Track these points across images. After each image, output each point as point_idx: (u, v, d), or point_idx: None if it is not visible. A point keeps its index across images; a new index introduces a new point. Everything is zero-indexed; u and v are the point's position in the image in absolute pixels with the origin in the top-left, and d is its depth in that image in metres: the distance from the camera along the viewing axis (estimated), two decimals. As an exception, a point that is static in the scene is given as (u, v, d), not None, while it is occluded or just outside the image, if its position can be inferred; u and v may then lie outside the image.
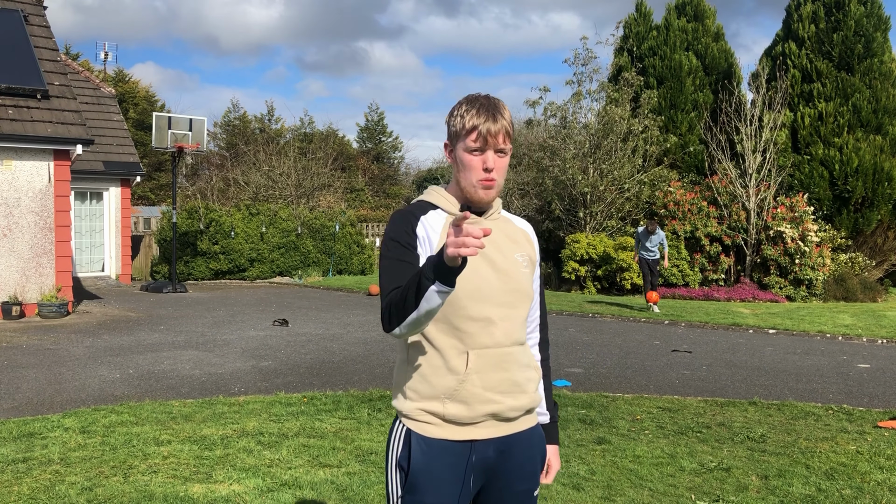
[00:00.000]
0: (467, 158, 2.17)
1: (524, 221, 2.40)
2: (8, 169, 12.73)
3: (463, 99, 2.23)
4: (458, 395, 2.12)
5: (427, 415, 2.15)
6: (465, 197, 2.22)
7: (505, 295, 2.18)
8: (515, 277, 2.22)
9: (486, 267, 2.18)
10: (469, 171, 2.18)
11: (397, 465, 2.16)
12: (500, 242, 2.24)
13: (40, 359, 9.10)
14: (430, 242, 2.16)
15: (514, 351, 2.20)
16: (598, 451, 5.56)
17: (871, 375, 8.91)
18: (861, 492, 4.77)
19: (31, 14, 14.63)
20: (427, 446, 2.13)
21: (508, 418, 2.20)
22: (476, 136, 2.15)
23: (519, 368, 2.21)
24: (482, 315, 2.14)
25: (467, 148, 2.17)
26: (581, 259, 18.60)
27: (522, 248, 2.30)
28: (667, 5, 21.87)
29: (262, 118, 44.50)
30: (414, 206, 2.26)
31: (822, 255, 17.80)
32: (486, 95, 2.22)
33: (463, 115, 2.18)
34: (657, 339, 11.47)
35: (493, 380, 2.15)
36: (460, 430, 2.14)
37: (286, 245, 21.67)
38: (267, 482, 4.76)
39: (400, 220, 2.20)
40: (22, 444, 5.53)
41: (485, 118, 2.15)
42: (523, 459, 2.24)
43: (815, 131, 19.24)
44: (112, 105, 21.26)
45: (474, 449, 2.16)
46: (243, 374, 8.37)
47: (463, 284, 2.12)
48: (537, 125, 21.84)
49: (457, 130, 2.19)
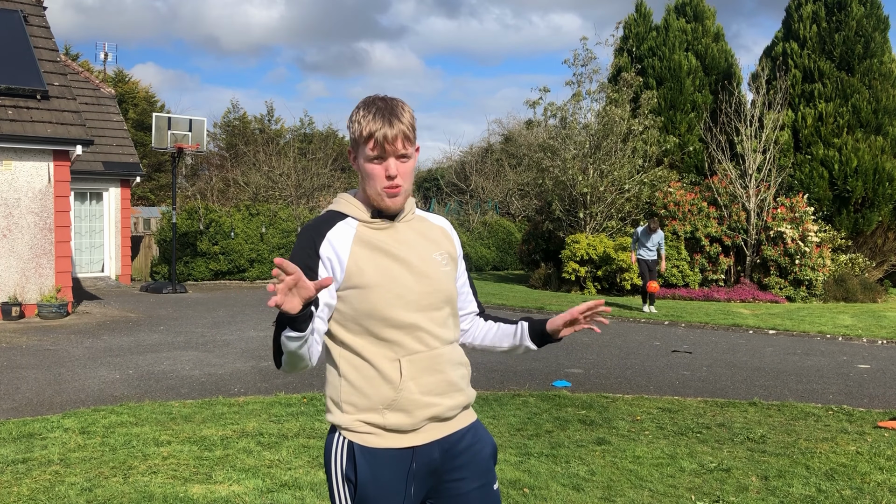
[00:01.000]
0: (368, 168, 2.11)
1: (440, 218, 2.35)
2: (8, 169, 12.72)
3: (360, 102, 2.15)
4: (397, 404, 2.10)
5: (367, 426, 2.12)
6: (373, 205, 2.17)
7: (426, 297, 2.15)
8: (435, 278, 2.19)
9: (405, 272, 2.14)
10: (372, 180, 2.12)
11: (345, 478, 2.11)
12: (417, 244, 2.20)
13: (40, 359, 9.10)
14: (340, 259, 2.11)
15: (445, 351, 2.18)
16: (598, 451, 5.55)
17: (871, 376, 8.91)
18: (861, 492, 4.77)
19: (30, 14, 14.63)
20: (371, 457, 2.10)
21: (447, 418, 2.19)
22: (374, 144, 2.08)
23: (452, 367, 2.20)
24: (406, 322, 2.12)
25: (367, 157, 2.10)
26: (581, 259, 18.59)
27: (440, 246, 2.26)
28: (666, 6, 21.87)
29: (262, 119, 44.48)
30: (323, 219, 2.19)
31: (822, 255, 17.80)
32: (383, 97, 2.14)
33: (360, 122, 2.10)
34: (657, 340, 11.47)
35: (429, 383, 2.14)
36: (402, 438, 2.13)
37: (286, 245, 21.67)
38: (267, 483, 4.76)
39: (304, 238, 2.15)
40: (22, 444, 5.52)
41: (381, 123, 2.07)
42: (470, 456, 2.23)
43: (815, 131, 19.24)
44: (112, 105, 21.26)
45: (416, 455, 2.13)
46: (243, 375, 8.37)
47: (382, 294, 2.10)
48: (537, 125, 21.85)
49: (356, 137, 2.12)
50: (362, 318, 2.11)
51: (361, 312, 2.11)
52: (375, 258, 2.13)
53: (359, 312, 2.11)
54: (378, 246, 2.14)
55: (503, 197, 33.94)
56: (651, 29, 21.92)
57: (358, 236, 2.14)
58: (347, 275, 2.11)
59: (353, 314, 2.12)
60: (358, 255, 2.12)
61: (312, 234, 2.14)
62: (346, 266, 2.11)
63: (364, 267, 2.11)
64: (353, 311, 2.11)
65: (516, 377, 8.49)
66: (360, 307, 2.11)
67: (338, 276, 2.11)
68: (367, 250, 2.13)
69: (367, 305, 2.10)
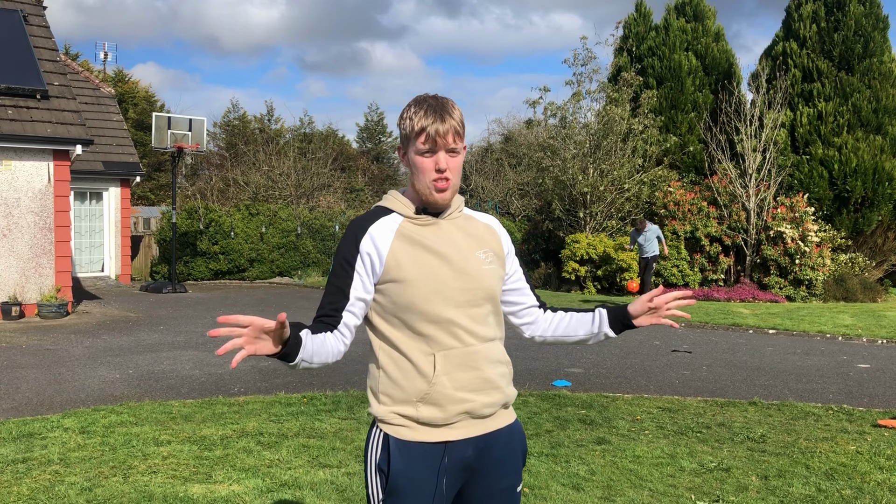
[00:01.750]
0: (419, 161, 2.17)
1: (489, 216, 2.38)
2: (7, 169, 12.72)
3: (412, 100, 2.22)
4: (430, 397, 2.14)
5: (401, 418, 2.16)
6: (422, 200, 2.22)
7: (464, 294, 2.18)
8: (476, 276, 2.21)
9: (444, 268, 2.17)
10: (422, 174, 2.18)
11: (377, 469, 2.17)
12: (460, 242, 2.24)
13: (40, 359, 9.10)
14: (379, 253, 2.16)
15: (482, 348, 2.20)
16: (598, 451, 5.55)
17: (871, 375, 8.91)
18: (861, 492, 4.77)
19: (30, 14, 14.63)
20: (405, 449, 2.14)
21: (483, 415, 2.21)
22: (425, 138, 2.14)
23: (489, 365, 2.22)
24: (442, 317, 2.15)
25: (418, 150, 2.16)
26: (581, 259, 18.59)
27: (486, 245, 2.29)
28: (666, 6, 21.87)
29: (262, 118, 44.50)
30: (368, 214, 2.27)
31: (822, 255, 17.80)
32: (434, 95, 2.21)
33: (412, 118, 2.17)
34: (657, 340, 11.47)
35: (463, 379, 2.17)
36: (435, 432, 2.16)
37: (286, 245, 21.67)
38: (267, 482, 4.76)
39: (349, 232, 2.23)
40: (21, 444, 5.52)
41: (433, 119, 2.14)
42: (502, 455, 2.26)
43: (814, 131, 19.24)
44: (112, 105, 21.26)
45: (448, 450, 2.17)
46: (243, 375, 8.37)
47: (420, 289, 2.14)
48: (537, 125, 21.84)
49: (407, 133, 2.19)
50: (400, 312, 2.16)
51: (399, 306, 2.16)
52: (415, 253, 2.17)
53: (397, 306, 2.16)
54: (419, 241, 2.19)
55: (503, 196, 33.95)
56: (651, 28, 21.91)
57: (400, 231, 2.19)
58: (386, 269, 2.16)
59: (391, 307, 2.17)
60: (397, 249, 2.16)
61: (356, 228, 2.21)
62: (385, 260, 2.16)
63: (402, 261, 2.15)
64: (392, 304, 2.17)
65: (516, 377, 8.48)
66: (398, 301, 2.15)
67: (377, 270, 2.17)
68: (407, 245, 2.17)
69: (404, 299, 2.15)
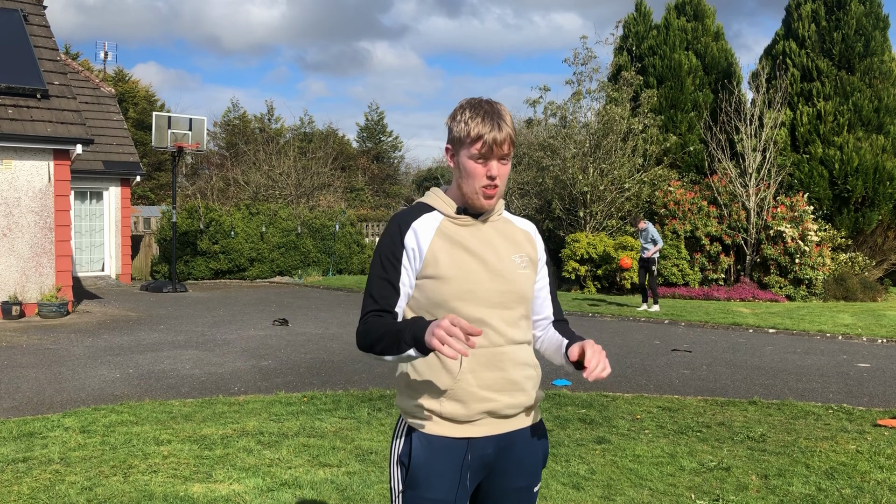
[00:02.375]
0: (471, 166, 2.19)
1: (526, 222, 2.41)
2: (8, 169, 12.72)
3: (465, 103, 2.23)
4: (454, 393, 2.17)
5: (425, 412, 2.19)
6: (465, 201, 2.25)
7: (498, 296, 2.21)
8: (510, 279, 2.24)
9: (480, 269, 2.20)
10: (472, 179, 2.20)
11: (398, 461, 2.21)
12: (498, 244, 2.27)
13: (40, 358, 9.10)
14: (420, 248, 2.19)
15: (510, 350, 2.22)
16: (598, 450, 5.55)
17: (871, 375, 8.91)
18: (861, 491, 4.77)
19: (30, 14, 14.63)
20: (427, 442, 2.18)
21: (506, 415, 2.23)
22: (482, 145, 2.16)
23: (515, 367, 2.23)
24: (474, 316, 2.17)
25: (471, 156, 2.18)
26: (581, 259, 18.59)
27: (522, 249, 2.32)
28: (666, 5, 21.86)
29: (262, 118, 44.49)
30: (411, 210, 2.29)
31: (822, 254, 17.80)
32: (488, 101, 2.23)
33: (467, 122, 2.18)
34: (657, 339, 11.47)
35: (488, 378, 2.19)
36: (458, 428, 2.18)
37: (286, 245, 21.67)
38: (267, 482, 4.76)
39: (392, 227, 2.24)
40: (22, 443, 5.53)
41: (490, 127, 2.16)
42: (523, 455, 2.28)
43: (814, 130, 19.23)
44: (112, 105, 21.26)
45: (471, 446, 2.19)
46: (243, 374, 8.37)
47: (455, 287, 2.17)
48: (537, 124, 21.84)
49: (460, 137, 2.20)
50: (433, 308, 2.19)
51: (433, 302, 2.19)
52: (453, 251, 2.20)
53: (431, 301, 2.19)
54: (458, 241, 2.22)
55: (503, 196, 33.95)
56: (651, 28, 21.91)
57: (440, 229, 2.22)
58: (424, 264, 2.19)
59: (426, 303, 2.20)
60: (437, 246, 2.19)
61: (400, 222, 2.23)
62: (425, 256, 2.19)
63: (440, 258, 2.18)
64: (427, 299, 2.20)
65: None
66: (432, 297, 2.19)
67: (416, 265, 2.20)
68: (446, 243, 2.20)
69: (438, 296, 2.18)
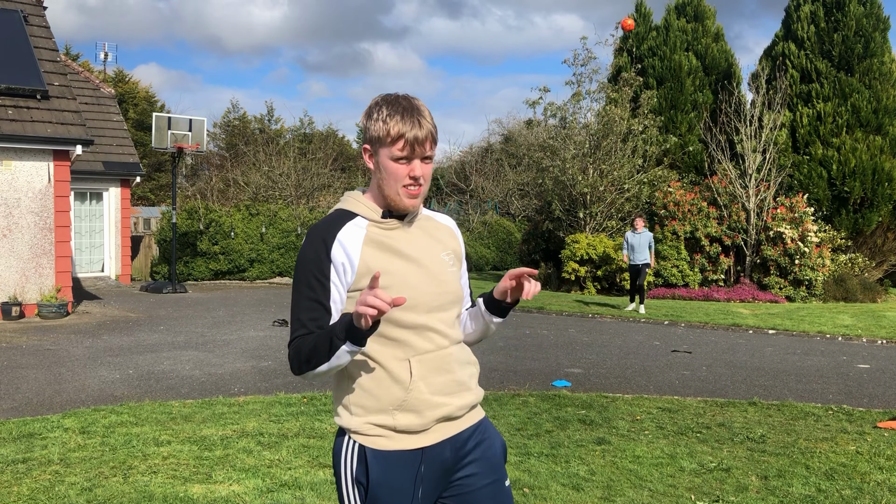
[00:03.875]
0: (392, 167, 2.10)
1: (445, 216, 2.35)
2: (8, 169, 12.72)
3: (381, 100, 2.13)
4: (407, 404, 2.09)
5: (377, 428, 2.10)
6: (388, 203, 2.16)
7: (436, 298, 2.15)
8: (444, 279, 2.18)
9: (415, 273, 2.13)
10: (394, 180, 2.10)
11: (355, 482, 2.10)
12: (426, 245, 2.20)
13: (40, 359, 9.10)
14: (351, 261, 2.08)
15: (454, 351, 2.17)
16: (597, 451, 5.55)
17: (871, 376, 8.91)
18: (861, 492, 4.77)
19: (30, 14, 14.63)
20: (383, 459, 2.09)
21: (457, 417, 2.19)
22: (403, 145, 2.07)
23: (461, 367, 2.20)
24: (417, 323, 2.11)
25: (393, 156, 2.09)
26: (581, 259, 18.59)
27: (447, 246, 2.26)
28: (666, 6, 21.89)
29: (262, 118, 44.51)
30: (331, 219, 2.15)
31: (822, 255, 17.80)
32: (406, 97, 2.14)
33: (385, 121, 2.08)
34: (657, 340, 11.47)
35: (439, 383, 2.13)
36: (412, 439, 2.11)
37: (286, 245, 21.67)
38: (267, 482, 4.76)
39: (315, 241, 2.10)
40: (22, 444, 5.52)
41: (410, 125, 2.07)
42: (480, 452, 2.22)
43: (813, 131, 19.25)
44: (112, 105, 21.26)
45: (425, 457, 2.12)
46: (243, 375, 8.37)
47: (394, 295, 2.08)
48: (537, 125, 21.85)
49: (379, 136, 2.10)
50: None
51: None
52: (385, 259, 2.11)
53: None
54: (389, 246, 2.13)
55: (503, 197, 33.95)
56: (651, 29, 21.93)
57: (368, 237, 2.12)
58: (357, 276, 2.08)
59: None
60: (368, 256, 2.09)
61: (323, 234, 2.10)
62: (357, 268, 2.08)
63: (374, 268, 2.08)
64: None
65: (516, 377, 8.49)
66: None
67: (348, 279, 2.09)
68: (377, 251, 2.11)
69: None
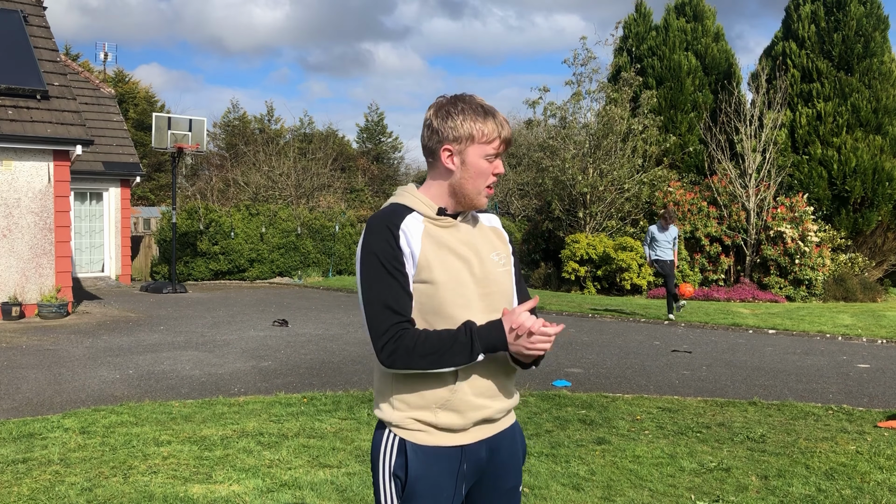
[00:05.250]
0: (483, 165, 2.14)
1: (489, 216, 2.34)
2: (8, 169, 12.72)
3: (454, 100, 2.16)
4: (450, 404, 2.11)
5: (419, 423, 2.12)
6: (459, 202, 2.17)
7: (486, 298, 2.16)
8: (495, 279, 2.19)
9: (467, 272, 2.14)
10: (479, 178, 2.15)
11: (393, 475, 2.12)
12: (477, 244, 2.21)
13: (40, 359, 9.10)
14: (413, 252, 2.09)
15: (500, 354, 2.17)
16: (598, 451, 5.55)
17: (871, 375, 8.91)
18: (861, 492, 4.77)
19: (30, 14, 14.63)
20: (423, 454, 2.11)
21: (496, 420, 2.22)
22: (499, 144, 2.14)
23: (504, 370, 2.22)
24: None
25: (486, 154, 2.14)
26: (581, 259, 18.59)
27: (496, 246, 2.27)
28: (666, 6, 21.88)
29: (262, 118, 44.51)
30: (391, 210, 2.15)
31: (822, 255, 17.80)
32: (472, 97, 2.18)
33: (475, 120, 2.12)
34: (657, 340, 11.47)
35: (482, 386, 2.15)
36: (452, 437, 2.14)
37: (286, 245, 21.67)
38: (267, 482, 4.76)
39: (381, 229, 2.10)
40: (22, 444, 5.52)
41: (500, 125, 2.13)
42: (508, 456, 2.26)
43: (813, 131, 19.25)
44: (112, 105, 21.26)
45: (465, 454, 2.15)
46: (243, 375, 8.37)
47: (448, 292, 2.10)
48: (537, 125, 21.85)
49: (467, 135, 2.12)
50: (427, 314, 2.10)
51: (427, 308, 2.10)
52: (442, 255, 2.11)
53: (424, 308, 2.10)
54: (444, 243, 2.13)
55: (503, 197, 33.94)
56: (651, 29, 21.93)
57: (427, 231, 2.13)
58: (419, 269, 2.09)
59: (419, 309, 2.11)
60: (427, 250, 2.10)
61: (389, 224, 2.10)
62: (418, 260, 2.09)
63: (433, 263, 2.09)
64: (419, 305, 2.10)
65: (516, 377, 8.48)
66: (426, 302, 2.10)
67: (410, 270, 2.10)
68: (434, 246, 2.11)
69: (433, 302, 2.09)
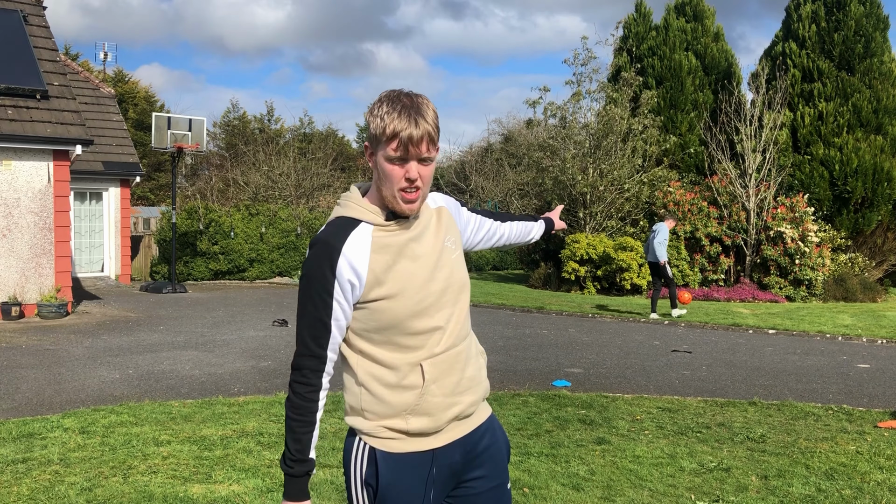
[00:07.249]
0: (388, 168, 1.99)
1: (436, 195, 2.23)
2: (7, 169, 12.72)
3: (384, 96, 2.02)
4: (420, 408, 2.05)
5: (390, 431, 2.07)
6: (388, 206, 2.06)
7: (446, 293, 2.09)
8: (452, 271, 2.12)
9: (424, 272, 2.06)
10: (390, 182, 2.00)
11: (364, 484, 2.07)
12: (429, 239, 2.11)
13: (40, 359, 9.10)
14: (359, 276, 2.00)
15: (464, 347, 2.13)
16: (597, 451, 5.55)
17: (871, 375, 8.91)
18: (861, 492, 4.77)
19: (30, 14, 14.62)
20: (393, 462, 2.06)
21: (468, 414, 2.16)
22: (397, 145, 1.96)
23: (470, 362, 2.17)
24: (430, 327, 2.06)
25: (388, 157, 1.98)
26: (581, 259, 18.59)
27: (448, 230, 2.18)
28: (666, 6, 21.87)
29: (262, 118, 44.51)
30: (334, 230, 2.04)
31: (822, 255, 17.80)
32: (408, 94, 2.01)
33: (383, 117, 1.96)
34: (657, 340, 11.47)
35: (451, 383, 2.09)
36: (425, 441, 2.09)
37: (286, 245, 21.67)
38: (267, 482, 4.76)
39: (319, 254, 2.01)
40: (21, 444, 5.52)
41: (406, 123, 1.94)
42: (489, 456, 2.21)
43: (815, 131, 19.24)
44: (111, 105, 21.26)
45: (436, 459, 2.10)
46: (243, 375, 8.37)
47: (407, 302, 2.02)
48: (537, 125, 21.85)
49: (376, 134, 1.99)
50: (385, 330, 2.04)
51: (384, 324, 2.03)
52: (394, 264, 2.04)
53: (381, 324, 2.04)
54: (396, 250, 2.05)
55: (503, 196, 33.94)
56: (651, 28, 21.92)
57: (375, 243, 2.03)
58: (367, 289, 2.02)
59: (374, 325, 2.04)
60: (377, 266, 2.02)
61: (328, 250, 2.00)
62: (366, 280, 2.01)
63: (382, 277, 2.02)
64: (375, 321, 2.04)
65: (516, 377, 8.48)
66: (382, 318, 2.03)
67: (357, 293, 2.02)
68: (384, 256, 2.03)
69: (389, 316, 2.02)
